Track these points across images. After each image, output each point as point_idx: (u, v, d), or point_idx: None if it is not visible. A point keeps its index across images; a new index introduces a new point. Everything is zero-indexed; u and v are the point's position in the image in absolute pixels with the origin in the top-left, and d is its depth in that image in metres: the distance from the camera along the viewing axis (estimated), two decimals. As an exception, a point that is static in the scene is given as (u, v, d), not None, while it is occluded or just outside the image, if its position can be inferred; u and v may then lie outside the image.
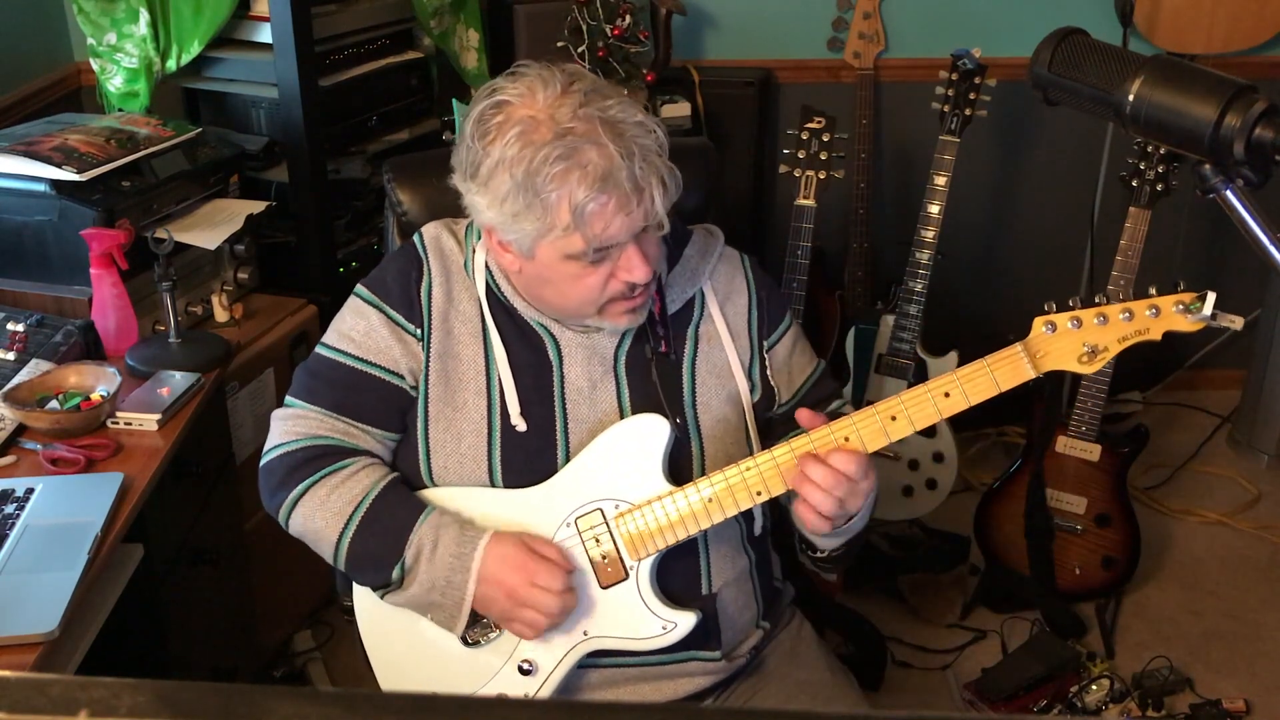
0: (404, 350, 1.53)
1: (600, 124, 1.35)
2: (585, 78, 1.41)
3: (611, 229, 1.37)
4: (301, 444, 1.53)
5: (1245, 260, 3.38)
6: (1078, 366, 1.39)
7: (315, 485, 1.50)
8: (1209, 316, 1.33)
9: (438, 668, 1.55)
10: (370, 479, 1.51)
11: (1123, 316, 1.36)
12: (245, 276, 2.44)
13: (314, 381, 1.56)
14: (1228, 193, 1.12)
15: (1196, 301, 1.34)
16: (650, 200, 1.37)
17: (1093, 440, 2.62)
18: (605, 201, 1.35)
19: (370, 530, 1.48)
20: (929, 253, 2.65)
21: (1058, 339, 1.39)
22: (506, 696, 1.50)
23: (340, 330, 1.57)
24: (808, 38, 3.26)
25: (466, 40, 2.93)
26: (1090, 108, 1.17)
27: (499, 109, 1.38)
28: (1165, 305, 1.36)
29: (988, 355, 1.40)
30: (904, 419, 1.41)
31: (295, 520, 1.53)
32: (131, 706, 0.47)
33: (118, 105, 2.59)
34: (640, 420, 1.50)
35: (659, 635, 1.49)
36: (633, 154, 1.34)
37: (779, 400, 1.62)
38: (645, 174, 1.35)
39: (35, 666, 1.40)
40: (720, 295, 1.60)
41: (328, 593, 2.51)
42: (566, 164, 1.33)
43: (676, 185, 1.42)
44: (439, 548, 1.45)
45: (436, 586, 1.46)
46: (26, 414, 1.84)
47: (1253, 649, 2.66)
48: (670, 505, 1.46)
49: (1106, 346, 1.38)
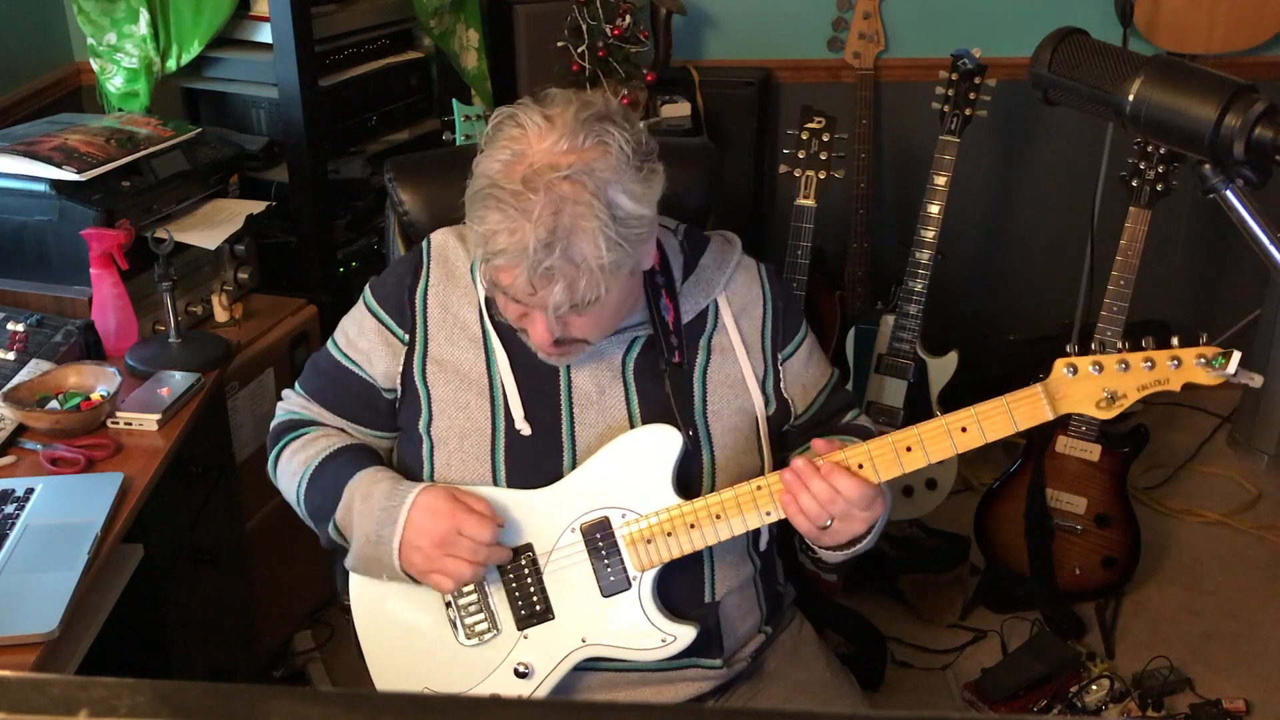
0: (387, 353, 1.56)
1: (553, 209, 1.30)
2: (607, 155, 1.33)
3: (513, 289, 1.36)
4: (283, 419, 1.67)
5: (1245, 260, 3.38)
6: (1096, 411, 1.39)
7: (284, 450, 1.62)
8: (1232, 374, 1.34)
9: (432, 667, 1.55)
10: (325, 443, 1.59)
11: (1144, 365, 1.36)
12: (245, 276, 2.44)
13: (311, 370, 1.68)
14: (1228, 193, 1.12)
15: (1220, 358, 1.34)
16: (548, 296, 1.33)
17: (1093, 440, 2.62)
18: (508, 266, 1.34)
19: (315, 485, 1.55)
20: (929, 253, 2.66)
21: (1078, 383, 1.39)
22: (505, 696, 1.50)
23: (343, 326, 1.64)
24: (808, 38, 3.26)
25: (466, 40, 2.93)
26: (1090, 108, 1.17)
27: (516, 124, 1.37)
28: (1187, 358, 1.36)
29: (1007, 394, 1.41)
30: (919, 451, 1.41)
31: (278, 482, 1.65)
32: (131, 706, 0.47)
33: (118, 105, 2.59)
34: (652, 430, 1.49)
35: (658, 648, 1.49)
36: (552, 250, 1.30)
37: (794, 413, 1.62)
38: (554, 273, 1.31)
39: (35, 666, 1.40)
40: (736, 307, 1.59)
41: (328, 593, 2.51)
42: (500, 215, 1.32)
43: (611, 301, 1.38)
44: (371, 500, 1.49)
45: (369, 539, 1.48)
46: (26, 414, 1.84)
47: (1253, 649, 2.66)
48: (679, 519, 1.46)
49: (1125, 394, 1.38)
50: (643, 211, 1.36)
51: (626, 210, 1.33)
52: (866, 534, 1.46)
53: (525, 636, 1.51)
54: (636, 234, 1.36)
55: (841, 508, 1.40)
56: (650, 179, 1.37)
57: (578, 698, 1.55)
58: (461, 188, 1.42)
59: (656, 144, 1.41)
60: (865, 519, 1.43)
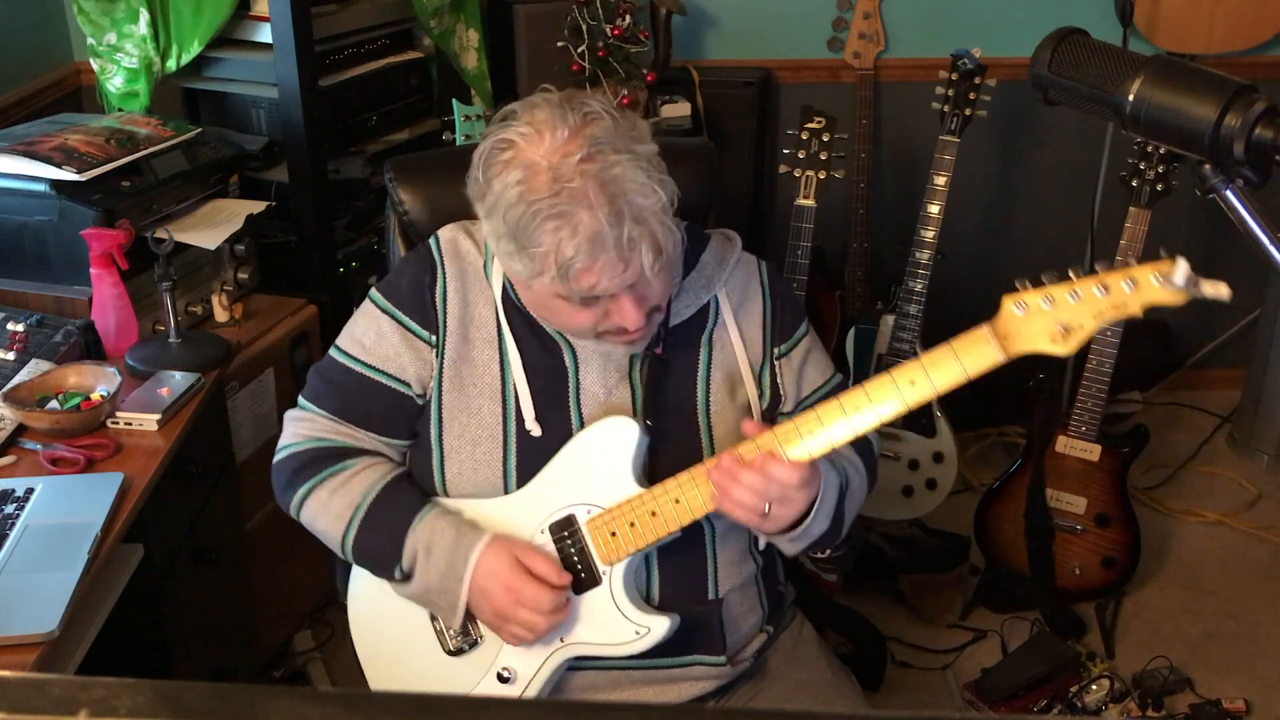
0: (414, 358, 1.53)
1: (598, 184, 1.31)
2: (600, 120, 1.36)
3: (601, 284, 1.35)
4: (305, 445, 1.55)
5: (1245, 260, 3.37)
6: (1051, 347, 1.30)
7: (317, 487, 1.53)
8: (1187, 284, 1.24)
9: (421, 672, 1.56)
10: (368, 480, 1.52)
11: (1097, 291, 1.27)
12: (245, 276, 2.44)
13: (323, 385, 1.58)
14: (1228, 193, 1.12)
15: (1174, 269, 1.24)
16: (640, 263, 1.34)
17: (1093, 440, 2.62)
18: (591, 263, 1.33)
19: (369, 532, 1.50)
20: (929, 253, 2.66)
21: (1029, 320, 1.30)
22: (505, 697, 1.50)
23: (353, 335, 1.57)
24: (808, 38, 3.26)
25: (466, 40, 2.93)
26: (1090, 108, 1.17)
27: (507, 147, 1.36)
28: (1142, 276, 1.26)
29: (954, 338, 1.34)
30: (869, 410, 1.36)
31: (304, 519, 1.56)
32: (131, 706, 0.47)
33: (118, 105, 2.58)
34: (608, 423, 1.49)
35: (633, 640, 1.48)
36: (623, 218, 1.31)
37: (783, 407, 1.61)
38: (636, 239, 1.32)
39: (35, 666, 1.40)
40: (735, 302, 1.59)
41: (328, 593, 2.51)
42: (557, 222, 1.31)
43: (676, 243, 1.40)
44: (434, 553, 1.47)
45: (433, 589, 1.48)
46: (26, 414, 1.84)
47: (1253, 649, 2.66)
48: (639, 506, 1.46)
49: (1082, 324, 1.28)
50: (652, 148, 1.39)
51: (646, 150, 1.37)
52: (807, 514, 1.43)
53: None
54: (660, 167, 1.38)
55: (776, 492, 1.38)
56: (636, 121, 1.40)
57: (580, 697, 1.55)
58: (462, 188, 1.42)
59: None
60: (803, 498, 1.40)
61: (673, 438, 1.53)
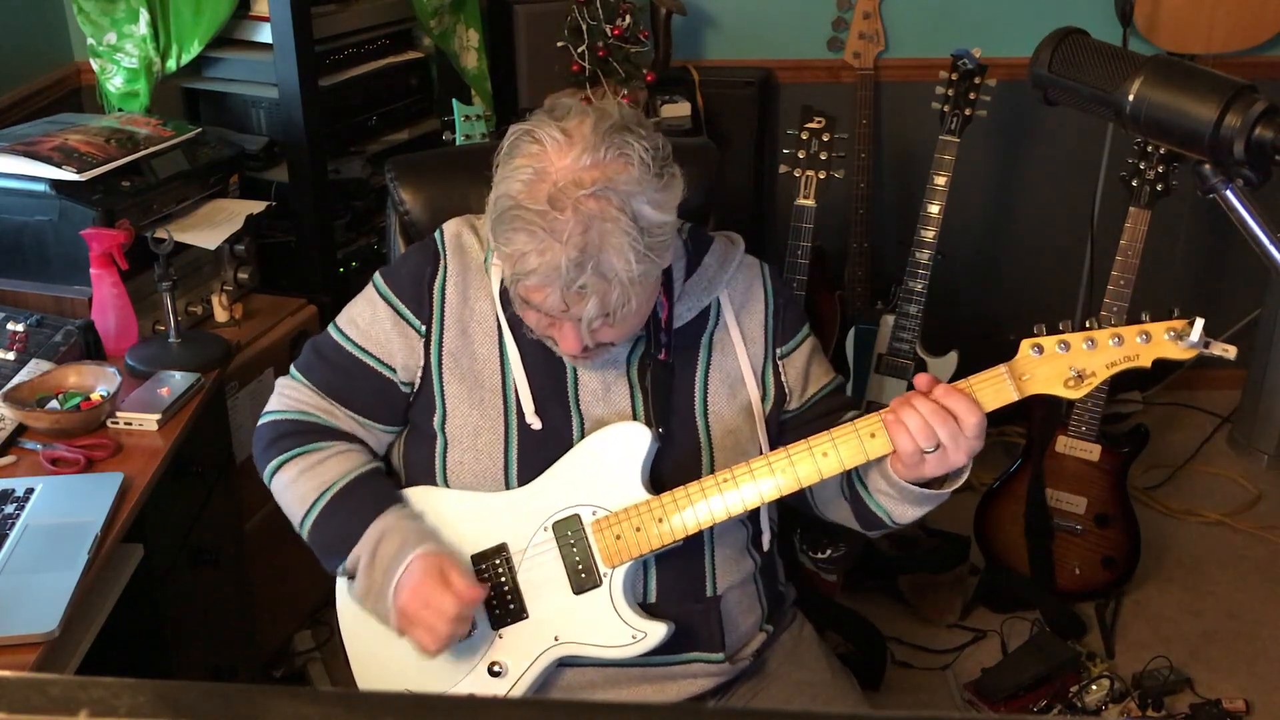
0: (404, 345, 1.54)
1: (583, 227, 1.30)
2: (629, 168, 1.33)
3: (545, 304, 1.37)
4: (288, 415, 1.59)
5: (1245, 260, 3.38)
6: (1063, 391, 1.36)
7: (290, 461, 1.57)
8: (1199, 343, 1.32)
9: (411, 666, 1.55)
10: (339, 469, 1.54)
11: (1112, 342, 1.35)
12: (245, 276, 2.44)
13: (315, 359, 1.62)
14: (1228, 193, 1.12)
15: (1187, 327, 1.33)
16: (581, 311, 1.35)
17: (1093, 440, 2.62)
18: (539, 285, 1.35)
19: (327, 523, 1.53)
20: (929, 253, 2.66)
21: (1044, 362, 1.37)
22: (505, 697, 1.50)
23: (350, 314, 1.61)
24: (808, 38, 3.26)
25: (466, 40, 2.93)
26: (1090, 108, 1.17)
27: (533, 140, 1.36)
28: (1156, 332, 1.34)
29: (972, 375, 1.38)
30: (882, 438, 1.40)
31: (273, 489, 1.60)
32: (131, 706, 0.47)
33: (118, 105, 2.58)
34: (621, 428, 1.50)
35: (628, 644, 1.49)
36: (584, 269, 1.31)
37: (789, 405, 1.61)
38: (586, 290, 1.33)
39: (35, 666, 1.40)
40: (737, 304, 1.59)
41: (328, 593, 2.50)
42: (529, 236, 1.32)
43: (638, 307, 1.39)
44: (376, 562, 1.48)
45: (370, 594, 1.49)
46: (26, 414, 1.84)
47: (1253, 649, 2.66)
48: (646, 513, 1.46)
49: (1094, 372, 1.36)
50: (666, 219, 1.37)
51: (651, 220, 1.34)
52: (963, 471, 1.43)
53: (500, 636, 1.52)
54: (662, 242, 1.37)
55: (951, 429, 1.36)
56: (670, 184, 1.38)
57: (577, 694, 1.55)
58: (462, 187, 1.42)
59: (671, 146, 1.41)
60: (966, 451, 1.39)
61: (673, 438, 1.53)
